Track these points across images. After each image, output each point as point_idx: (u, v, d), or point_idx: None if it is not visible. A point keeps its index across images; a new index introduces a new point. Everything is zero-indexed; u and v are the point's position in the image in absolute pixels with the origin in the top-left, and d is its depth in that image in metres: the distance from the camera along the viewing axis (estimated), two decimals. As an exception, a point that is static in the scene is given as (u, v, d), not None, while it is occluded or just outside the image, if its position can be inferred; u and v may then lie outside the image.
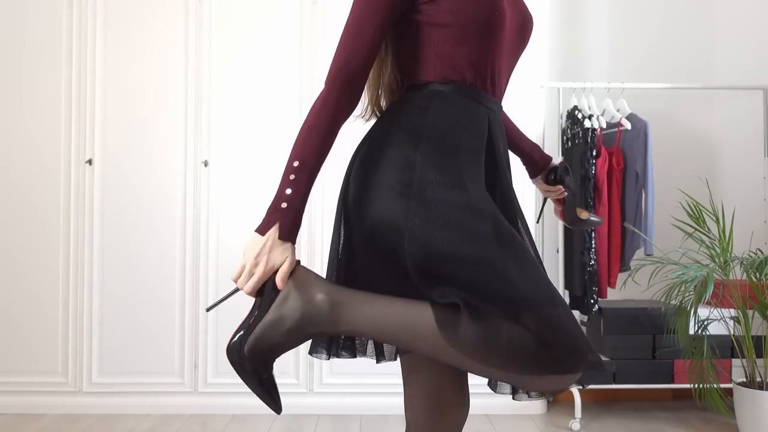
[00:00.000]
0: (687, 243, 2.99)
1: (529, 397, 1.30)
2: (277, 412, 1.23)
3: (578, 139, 3.14)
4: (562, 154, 3.30)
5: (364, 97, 1.37)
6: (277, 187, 1.23)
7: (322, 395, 3.17)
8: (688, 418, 3.17)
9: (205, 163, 3.18)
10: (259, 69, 3.19)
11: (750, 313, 2.84)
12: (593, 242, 3.06)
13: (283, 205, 1.21)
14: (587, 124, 3.10)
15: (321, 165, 1.25)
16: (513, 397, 1.33)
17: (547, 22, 3.43)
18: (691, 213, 2.90)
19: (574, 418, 2.98)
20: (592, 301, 3.05)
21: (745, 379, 2.88)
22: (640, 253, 3.13)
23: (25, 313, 3.15)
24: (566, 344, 1.15)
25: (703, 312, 2.94)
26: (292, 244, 1.22)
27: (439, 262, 1.18)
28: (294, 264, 1.22)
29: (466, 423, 1.40)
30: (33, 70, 3.18)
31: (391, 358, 1.42)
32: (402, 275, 1.22)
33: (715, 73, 3.58)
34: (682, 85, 3.34)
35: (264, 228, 1.21)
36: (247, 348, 1.20)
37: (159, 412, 3.14)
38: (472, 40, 1.28)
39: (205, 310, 1.40)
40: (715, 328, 2.93)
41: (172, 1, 3.19)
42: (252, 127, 3.19)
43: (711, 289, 2.75)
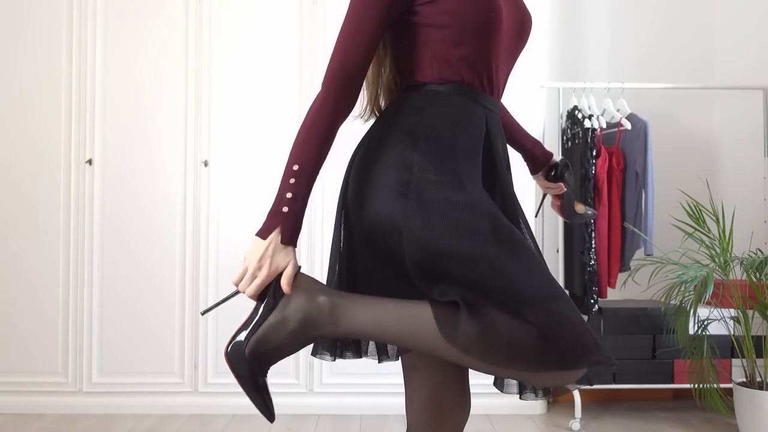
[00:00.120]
0: (687, 243, 2.99)
1: (537, 396, 1.30)
2: (270, 420, 1.23)
3: (578, 139, 3.14)
4: (562, 154, 3.30)
5: (363, 98, 1.38)
6: (277, 190, 1.23)
7: (322, 395, 3.17)
8: (688, 418, 3.17)
9: (205, 163, 3.18)
10: (259, 69, 3.19)
11: (750, 313, 2.84)
12: (593, 242, 3.06)
13: (284, 209, 1.21)
14: (587, 124, 3.10)
15: (320, 167, 1.25)
16: (520, 397, 1.33)
17: (547, 22, 3.43)
18: (691, 213, 2.90)
19: (574, 418, 2.98)
20: (592, 301, 3.05)
21: (745, 379, 2.88)
22: (640, 253, 3.13)
23: (25, 313, 3.16)
24: (569, 339, 1.14)
25: (703, 312, 2.94)
26: (294, 247, 1.23)
27: (438, 261, 1.18)
28: (296, 267, 1.23)
29: (466, 423, 1.40)
30: (33, 70, 3.18)
31: (393, 358, 1.42)
32: (402, 274, 1.22)
33: (715, 73, 3.58)
34: (682, 85, 3.34)
35: (265, 232, 1.21)
36: (248, 350, 1.20)
37: (159, 412, 3.14)
38: (469, 41, 1.28)
39: (201, 313, 1.41)
40: (715, 328, 2.93)
41: (172, 1, 3.19)
42: (252, 127, 3.19)
43: (711, 289, 2.75)
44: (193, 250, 3.17)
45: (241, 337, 1.21)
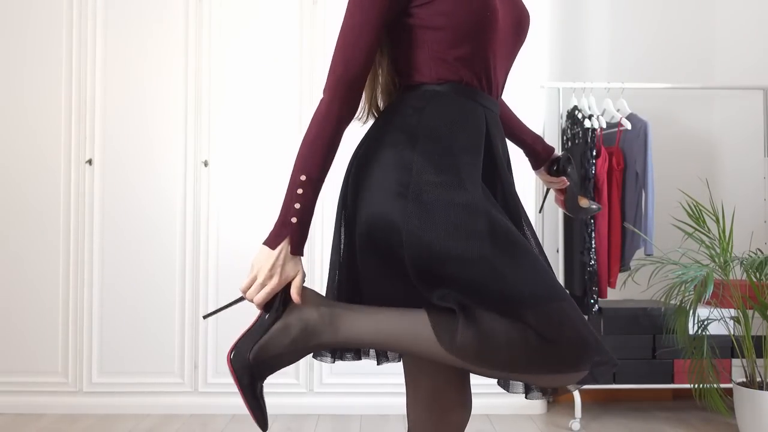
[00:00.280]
0: (687, 243, 2.99)
1: (543, 395, 1.31)
2: (264, 429, 1.24)
3: (578, 139, 3.14)
4: (562, 154, 3.30)
5: (361, 100, 1.38)
6: (284, 199, 1.24)
7: (322, 395, 3.17)
8: (688, 418, 3.17)
9: (205, 163, 3.18)
10: (259, 69, 3.19)
11: (750, 313, 2.84)
12: (593, 242, 3.06)
13: (293, 220, 1.23)
14: (587, 124, 3.10)
15: (326, 175, 1.26)
16: (526, 396, 1.33)
17: (547, 22, 3.43)
18: (691, 213, 2.90)
19: (574, 418, 2.98)
20: (592, 301, 3.05)
21: (745, 379, 2.88)
22: (640, 253, 3.13)
23: (25, 313, 3.15)
24: (570, 340, 1.14)
25: (703, 312, 2.94)
26: (301, 256, 1.25)
27: (437, 263, 1.18)
28: (304, 276, 1.25)
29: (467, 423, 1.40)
30: (33, 70, 3.18)
31: (394, 360, 1.42)
32: (403, 274, 1.22)
33: (715, 73, 3.58)
34: (682, 85, 3.34)
35: (273, 242, 1.23)
36: (252, 356, 1.22)
37: (159, 412, 3.14)
38: (466, 41, 1.28)
39: (203, 317, 1.41)
40: (715, 328, 2.93)
41: (172, 1, 3.19)
42: (252, 127, 3.19)
43: (711, 289, 2.75)
44: (193, 250, 3.17)
45: (245, 343, 1.23)
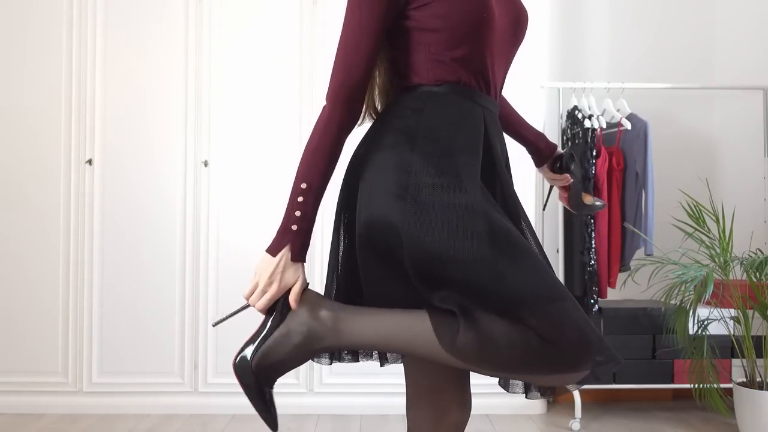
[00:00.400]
0: (687, 243, 2.99)
1: (542, 395, 1.31)
2: (274, 430, 1.26)
3: (578, 139, 3.14)
4: (562, 154, 3.30)
5: None
6: (286, 207, 1.25)
7: (322, 395, 3.17)
8: (688, 418, 3.17)
9: (205, 163, 3.18)
10: (259, 69, 3.19)
11: (750, 313, 2.84)
12: (593, 242, 3.06)
13: (294, 227, 1.24)
14: (587, 124, 3.10)
15: (328, 183, 1.28)
16: (526, 396, 1.33)
17: (547, 22, 3.43)
18: (691, 213, 2.90)
19: (574, 418, 2.98)
20: (592, 301, 3.05)
21: (745, 379, 2.88)
22: (640, 253, 3.13)
23: (25, 313, 3.15)
24: (571, 340, 1.14)
25: (703, 312, 2.94)
26: (303, 263, 1.26)
27: (437, 264, 1.18)
28: (305, 283, 1.26)
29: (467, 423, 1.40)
30: (33, 70, 3.18)
31: (395, 361, 1.42)
32: (403, 275, 1.22)
33: (715, 73, 3.58)
34: (682, 85, 3.34)
35: (275, 249, 1.25)
36: (255, 363, 1.23)
37: (159, 412, 3.14)
38: (463, 43, 1.28)
39: (212, 325, 1.43)
40: (715, 328, 2.93)
41: (172, 1, 3.19)
42: (252, 127, 3.19)
43: (711, 289, 2.75)
44: (193, 250, 3.17)
45: (249, 350, 1.24)
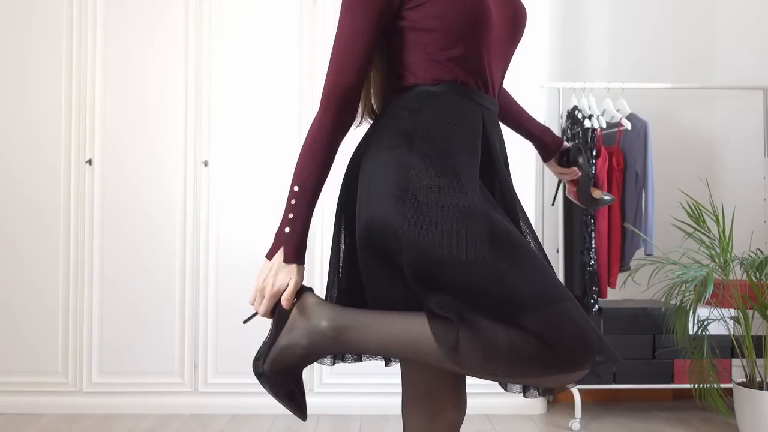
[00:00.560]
0: (687, 243, 2.99)
1: (539, 394, 1.31)
2: (303, 419, 1.31)
3: (578, 139, 3.14)
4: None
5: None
6: (282, 211, 1.26)
7: (322, 395, 3.17)
8: (688, 418, 3.17)
9: (205, 163, 3.18)
10: (259, 69, 3.19)
11: (750, 313, 2.84)
12: (593, 242, 3.06)
13: (287, 230, 1.25)
14: (587, 124, 3.10)
15: (322, 186, 1.27)
16: (524, 395, 1.33)
17: (547, 22, 3.43)
18: (691, 213, 2.90)
19: (574, 418, 2.98)
20: (592, 301, 3.05)
21: (745, 379, 2.88)
22: (640, 253, 3.13)
23: (25, 313, 3.15)
24: (571, 341, 1.13)
25: (703, 312, 2.94)
26: (298, 265, 1.25)
27: (436, 267, 1.18)
28: (299, 285, 1.25)
29: (466, 423, 1.40)
30: (33, 70, 3.18)
31: (398, 360, 1.42)
32: (402, 276, 1.22)
33: (715, 73, 3.58)
34: (682, 85, 3.34)
35: (271, 253, 1.26)
36: (267, 368, 1.26)
37: (159, 412, 3.14)
38: (459, 42, 1.28)
39: (243, 322, 1.44)
40: (715, 328, 2.93)
41: (172, 1, 3.19)
42: (252, 127, 3.19)
43: (711, 289, 2.75)
44: (193, 250, 3.17)
45: (263, 353, 1.27)
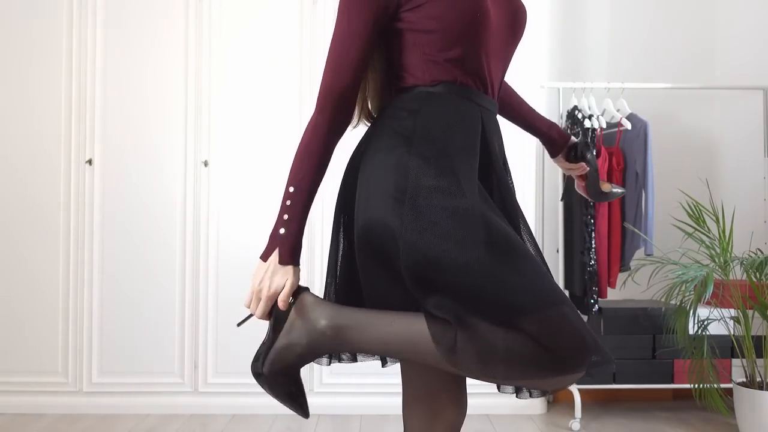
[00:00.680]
0: (687, 243, 2.99)
1: (531, 395, 1.31)
2: (305, 417, 1.33)
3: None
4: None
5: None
6: (277, 212, 1.26)
7: (322, 395, 3.17)
8: (688, 418, 3.17)
9: (205, 163, 3.18)
10: (259, 69, 3.19)
11: (750, 313, 2.84)
12: (593, 242, 3.06)
13: (281, 231, 1.25)
14: (587, 124, 3.10)
15: (317, 187, 1.27)
16: (517, 396, 1.34)
17: (547, 22, 3.43)
18: (691, 213, 2.90)
19: (574, 418, 2.98)
20: (592, 301, 3.05)
21: (745, 379, 2.88)
22: (640, 253, 3.13)
23: (25, 313, 3.15)
24: (567, 343, 1.14)
25: (703, 312, 2.94)
26: (294, 266, 1.25)
27: (434, 270, 1.18)
28: (295, 286, 1.25)
29: (466, 423, 1.40)
30: (33, 70, 3.18)
31: (395, 361, 1.42)
32: (400, 277, 1.22)
33: (715, 73, 3.58)
34: (682, 85, 3.34)
35: (266, 255, 1.26)
36: (266, 370, 1.26)
37: (159, 412, 3.14)
38: (458, 43, 1.28)
39: (237, 325, 1.43)
40: (715, 328, 2.93)
41: (172, 1, 3.19)
42: (252, 127, 3.19)
43: (711, 289, 2.75)
44: (193, 250, 3.17)
45: (262, 354, 1.27)
